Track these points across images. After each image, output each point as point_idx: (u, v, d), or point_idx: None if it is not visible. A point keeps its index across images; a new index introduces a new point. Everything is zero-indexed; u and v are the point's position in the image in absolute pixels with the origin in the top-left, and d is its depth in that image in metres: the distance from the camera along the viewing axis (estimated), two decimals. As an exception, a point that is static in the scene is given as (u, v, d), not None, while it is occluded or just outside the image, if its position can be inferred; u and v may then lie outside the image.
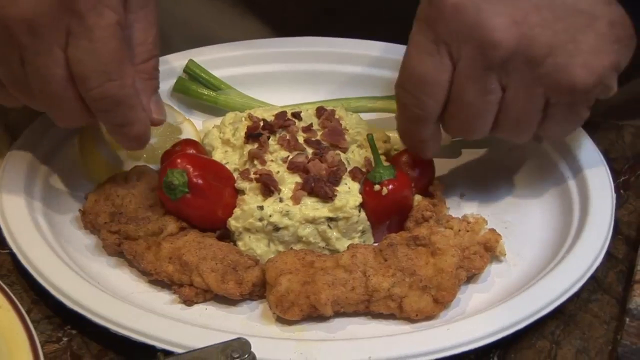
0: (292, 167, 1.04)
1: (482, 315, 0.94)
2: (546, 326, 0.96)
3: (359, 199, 1.03)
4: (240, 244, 1.03)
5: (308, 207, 1.02)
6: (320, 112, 1.12)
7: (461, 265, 0.98)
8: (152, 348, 0.90)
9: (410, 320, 0.96)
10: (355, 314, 0.97)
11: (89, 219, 1.05)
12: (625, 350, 0.92)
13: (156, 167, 1.10)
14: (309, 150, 1.06)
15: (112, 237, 1.02)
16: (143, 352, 0.90)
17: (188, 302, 0.98)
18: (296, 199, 1.02)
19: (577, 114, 0.99)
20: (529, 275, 1.00)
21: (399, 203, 1.04)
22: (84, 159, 1.12)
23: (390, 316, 0.97)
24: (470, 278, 1.00)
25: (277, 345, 0.91)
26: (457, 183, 1.13)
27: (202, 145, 1.11)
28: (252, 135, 1.07)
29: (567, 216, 1.06)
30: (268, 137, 1.07)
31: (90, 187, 1.09)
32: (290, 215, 1.01)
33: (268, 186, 1.02)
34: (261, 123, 1.09)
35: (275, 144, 1.07)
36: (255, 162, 1.05)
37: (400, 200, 1.04)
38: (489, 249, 1.01)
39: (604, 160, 1.10)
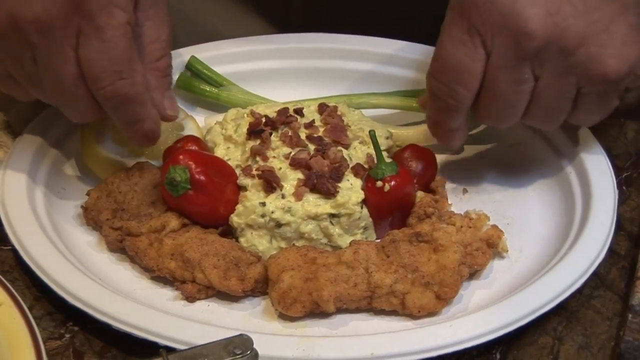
0: (295, 164, 1.04)
1: (485, 311, 0.94)
2: (548, 322, 0.96)
3: (361, 195, 1.03)
4: (242, 240, 1.02)
5: (310, 203, 1.02)
6: (322, 108, 1.12)
7: (463, 262, 0.98)
8: (155, 344, 0.90)
9: (413, 316, 0.96)
10: (358, 310, 0.97)
11: (91, 215, 1.05)
12: (627, 346, 0.92)
13: (158, 164, 1.10)
14: (311, 147, 1.06)
15: (114, 233, 1.02)
16: (145, 348, 0.90)
17: (190, 298, 0.98)
18: (298, 196, 1.02)
19: (608, 103, 1.00)
20: (532, 271, 1.00)
21: (401, 199, 1.04)
22: (86, 155, 1.12)
23: (393, 312, 0.97)
24: (473, 274, 1.00)
25: (280, 341, 0.91)
26: (459, 179, 1.13)
27: (204, 142, 1.11)
28: (254, 132, 1.07)
29: (569, 212, 1.06)
30: (270, 134, 1.07)
31: (92, 184, 1.09)
32: (293, 211, 1.01)
33: (270, 182, 1.02)
34: (263, 119, 1.09)
35: (278, 141, 1.06)
36: (258, 158, 1.05)
37: (402, 196, 1.04)
38: (491, 245, 1.01)
39: (606, 156, 1.10)
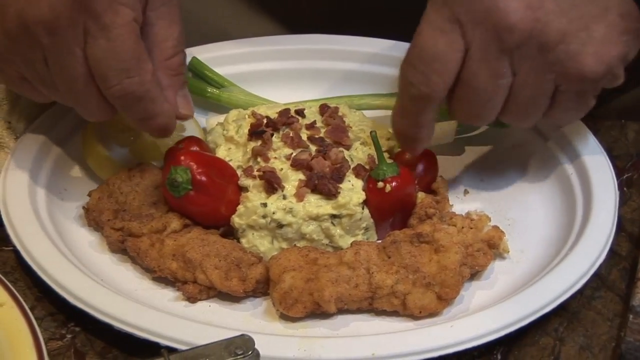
0: (296, 165, 1.04)
1: (486, 312, 0.94)
2: (549, 323, 0.96)
3: (362, 196, 1.03)
4: (243, 241, 1.03)
5: (311, 204, 1.02)
6: (323, 109, 1.12)
7: (465, 262, 0.98)
8: (156, 345, 0.90)
9: (414, 317, 0.96)
10: (359, 311, 0.97)
11: (93, 216, 1.05)
12: (628, 347, 0.92)
13: (160, 165, 1.10)
14: (313, 148, 1.06)
15: (116, 234, 1.02)
16: (147, 349, 0.90)
17: (192, 299, 0.98)
18: (300, 196, 1.02)
19: (584, 102, 1.00)
20: (533, 272, 1.00)
21: (403, 200, 1.04)
22: (87, 156, 1.12)
23: (394, 313, 0.97)
24: (474, 275, 1.00)
25: (281, 342, 0.91)
26: (460, 180, 1.13)
27: (205, 143, 1.11)
28: (255, 133, 1.08)
29: (570, 213, 1.06)
30: (271, 135, 1.07)
31: (93, 185, 1.09)
32: (294, 212, 1.01)
33: (271, 183, 1.02)
34: (265, 120, 1.09)
35: (279, 141, 1.07)
36: (259, 159, 1.05)
37: (403, 197, 1.04)
38: (492, 246, 1.01)
39: (607, 157, 1.10)
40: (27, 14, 0.94)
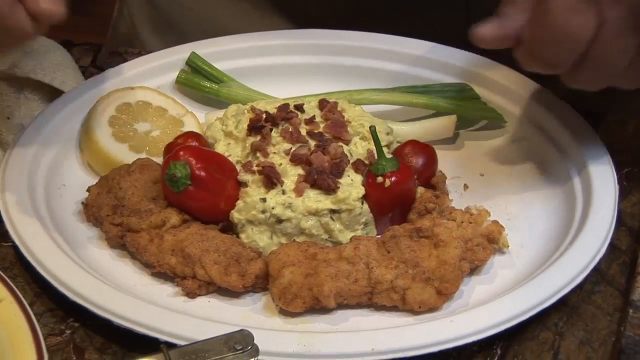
0: (295, 159, 1.04)
1: (486, 306, 0.94)
2: (549, 318, 0.96)
3: (361, 191, 1.03)
4: (243, 236, 1.02)
5: (311, 199, 1.02)
6: (322, 104, 1.11)
7: (464, 257, 0.98)
8: (155, 340, 0.90)
9: (414, 312, 0.96)
10: (358, 306, 0.97)
11: (92, 211, 1.05)
12: (628, 341, 0.92)
13: (159, 160, 1.10)
14: (312, 143, 1.06)
15: (115, 229, 1.02)
16: (146, 344, 0.90)
17: (191, 294, 0.98)
18: (299, 191, 1.02)
19: None
20: (532, 266, 1.00)
21: (402, 195, 1.04)
22: (86, 152, 1.12)
23: (393, 308, 0.97)
24: (474, 270, 1.00)
25: (280, 337, 0.91)
26: (460, 175, 1.13)
27: (204, 138, 1.11)
28: (254, 128, 1.07)
29: (570, 208, 1.06)
30: (271, 130, 1.07)
31: (92, 180, 1.09)
32: (293, 207, 1.01)
33: (271, 178, 1.02)
34: (264, 115, 1.09)
35: (278, 136, 1.06)
36: (258, 154, 1.05)
37: (403, 192, 1.04)
38: (492, 240, 1.01)
39: (607, 151, 1.10)
40: None
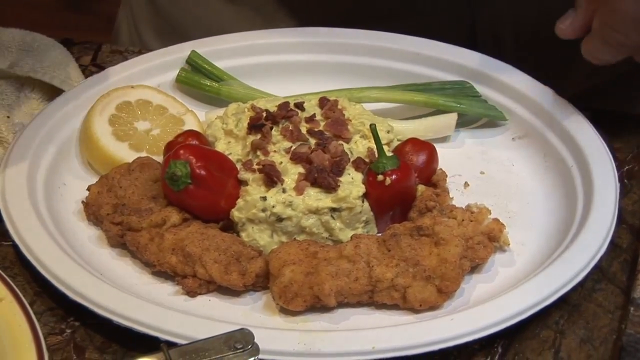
0: (295, 158, 1.04)
1: (486, 305, 0.94)
2: (550, 316, 0.96)
3: (362, 189, 1.03)
4: (243, 234, 1.02)
5: (311, 197, 1.01)
6: (323, 102, 1.11)
7: (465, 255, 0.97)
8: (156, 339, 0.90)
9: (414, 310, 0.96)
10: (359, 304, 0.97)
11: (92, 210, 1.05)
12: (629, 339, 0.92)
13: (159, 159, 1.09)
14: (312, 141, 1.06)
15: (115, 228, 1.02)
16: (146, 343, 0.90)
17: (191, 293, 0.98)
18: (299, 190, 1.02)
19: None
20: (533, 265, 1.00)
21: (403, 193, 1.04)
22: (86, 150, 1.12)
23: (394, 307, 0.97)
24: (474, 268, 1.00)
25: (281, 336, 0.91)
26: (460, 173, 1.13)
27: (204, 136, 1.11)
28: (255, 126, 1.07)
29: (571, 206, 1.06)
30: (271, 128, 1.07)
31: (92, 179, 1.09)
32: (294, 205, 1.01)
33: (271, 177, 1.02)
34: (264, 114, 1.09)
35: (278, 135, 1.06)
36: (258, 152, 1.05)
37: (403, 190, 1.04)
38: (492, 238, 1.00)
39: (607, 149, 1.10)
40: None
